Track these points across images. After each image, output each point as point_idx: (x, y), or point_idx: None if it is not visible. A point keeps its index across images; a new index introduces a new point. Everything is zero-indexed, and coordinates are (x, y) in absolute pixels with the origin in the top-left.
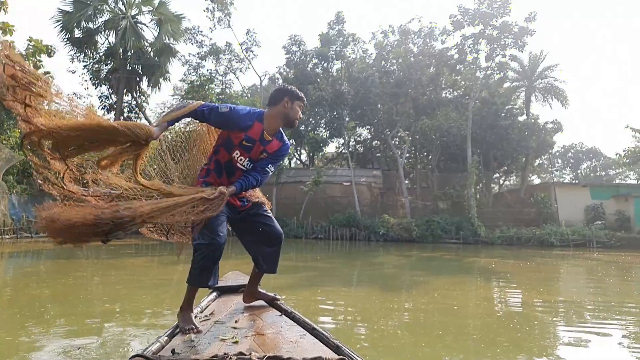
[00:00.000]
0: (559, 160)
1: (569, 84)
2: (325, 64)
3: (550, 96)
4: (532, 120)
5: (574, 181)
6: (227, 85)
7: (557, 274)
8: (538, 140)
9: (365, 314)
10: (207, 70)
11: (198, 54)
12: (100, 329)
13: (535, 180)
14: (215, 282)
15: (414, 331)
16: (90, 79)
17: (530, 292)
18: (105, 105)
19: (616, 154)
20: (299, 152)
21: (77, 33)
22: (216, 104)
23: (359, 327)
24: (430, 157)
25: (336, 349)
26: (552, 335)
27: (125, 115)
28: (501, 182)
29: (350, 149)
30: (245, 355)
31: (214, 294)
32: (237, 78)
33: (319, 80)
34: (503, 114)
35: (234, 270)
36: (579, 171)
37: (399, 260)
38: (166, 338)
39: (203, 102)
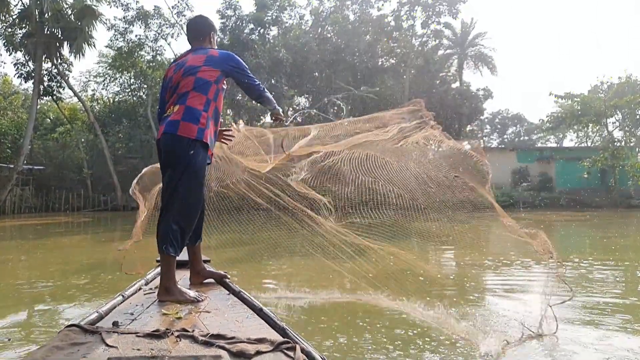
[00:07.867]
0: (488, 126)
1: (496, 52)
2: (261, 30)
3: (481, 64)
4: (465, 87)
5: (501, 145)
6: (159, 52)
7: (493, 236)
8: (470, 107)
9: (315, 284)
10: (136, 36)
11: (124, 17)
12: (32, 316)
13: (466, 145)
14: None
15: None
16: (4, 44)
17: (479, 254)
18: (22, 73)
19: (539, 120)
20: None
21: None
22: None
23: (309, 300)
24: None
25: (282, 331)
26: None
27: (46, 84)
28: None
29: (291, 119)
30: (188, 331)
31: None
32: (168, 44)
33: (255, 47)
34: (438, 81)
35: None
36: (505, 136)
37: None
38: (106, 309)
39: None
